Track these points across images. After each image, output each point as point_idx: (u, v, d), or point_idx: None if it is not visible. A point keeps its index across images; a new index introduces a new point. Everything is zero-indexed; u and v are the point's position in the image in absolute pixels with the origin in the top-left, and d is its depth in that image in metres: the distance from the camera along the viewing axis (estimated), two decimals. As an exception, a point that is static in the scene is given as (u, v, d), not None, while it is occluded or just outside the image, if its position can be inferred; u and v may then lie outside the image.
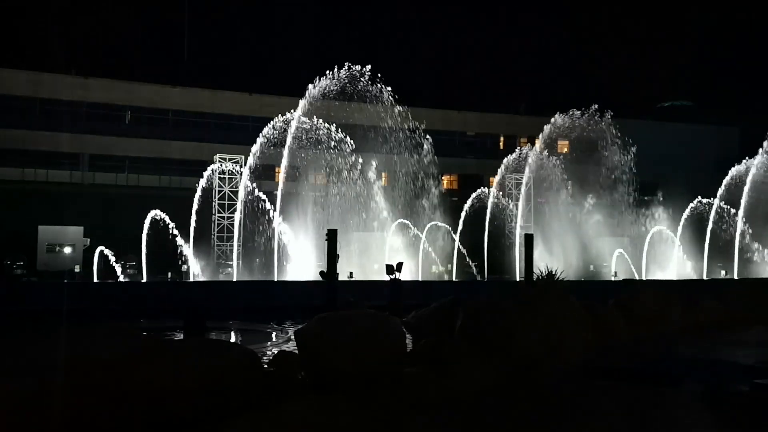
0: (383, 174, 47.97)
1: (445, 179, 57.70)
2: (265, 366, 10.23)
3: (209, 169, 38.95)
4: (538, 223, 47.24)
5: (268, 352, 14.90)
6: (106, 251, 34.88)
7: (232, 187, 40.26)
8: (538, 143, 49.22)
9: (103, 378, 7.39)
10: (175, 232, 35.98)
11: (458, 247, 43.01)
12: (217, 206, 39.91)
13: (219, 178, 40.07)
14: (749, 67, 66.96)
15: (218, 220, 39.88)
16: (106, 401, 7.26)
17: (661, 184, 51.01)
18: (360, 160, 46.58)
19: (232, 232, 39.79)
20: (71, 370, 7.32)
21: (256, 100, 52.64)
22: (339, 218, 39.57)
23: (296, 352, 10.33)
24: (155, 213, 35.90)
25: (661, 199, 46.94)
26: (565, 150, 61.96)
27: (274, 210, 37.96)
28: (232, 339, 20.38)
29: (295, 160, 40.13)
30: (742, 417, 9.21)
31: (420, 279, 39.89)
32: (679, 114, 63.78)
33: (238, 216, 38.43)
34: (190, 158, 48.90)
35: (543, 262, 35.70)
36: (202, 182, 38.73)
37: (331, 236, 26.14)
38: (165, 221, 35.96)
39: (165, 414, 7.50)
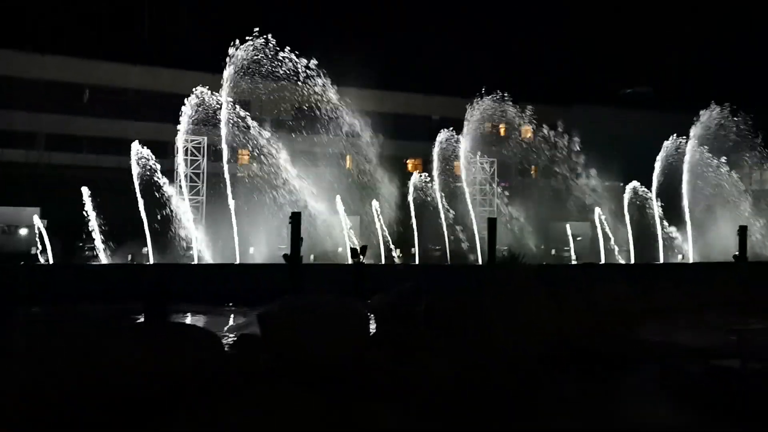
0: (347, 157, 47.76)
1: (410, 163, 57.73)
2: (227, 349, 10.14)
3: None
4: (501, 207, 47.66)
5: (231, 336, 14.77)
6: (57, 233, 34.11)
7: (194, 169, 39.66)
8: (503, 128, 49.54)
9: (63, 363, 7.24)
10: (136, 213, 35.38)
11: (421, 230, 43.13)
12: (177, 188, 39.26)
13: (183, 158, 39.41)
14: (710, 55, 68.22)
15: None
16: (65, 386, 7.12)
17: (622, 169, 51.85)
18: (323, 143, 46.34)
19: (194, 215, 39.24)
20: (32, 356, 7.16)
21: (219, 80, 51.72)
22: (302, 201, 39.34)
23: (259, 335, 10.24)
24: (115, 194, 35.17)
25: (622, 183, 47.68)
26: (529, 135, 62.52)
27: (236, 192, 37.66)
28: (194, 322, 20.16)
29: (257, 141, 39.66)
30: (697, 397, 9.45)
31: (383, 263, 39.94)
32: (640, 101, 64.78)
33: (204, 198, 37.94)
34: (150, 139, 47.93)
35: (505, 245, 36.11)
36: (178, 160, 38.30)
37: (295, 219, 26.06)
38: (124, 203, 35.31)
39: (124, 399, 7.37)
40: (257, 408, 7.39)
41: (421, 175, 44.75)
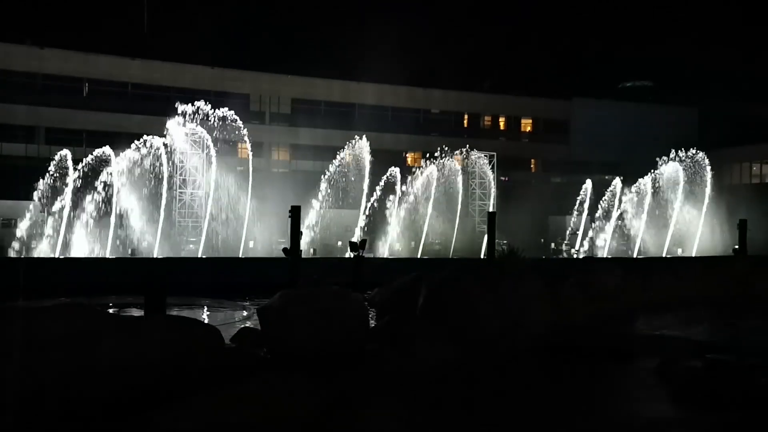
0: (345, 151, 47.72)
1: (410, 156, 57.72)
2: (228, 343, 10.18)
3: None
4: (501, 201, 47.65)
5: (231, 329, 14.81)
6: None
7: (194, 163, 39.67)
8: (503, 121, 49.48)
9: (61, 355, 7.27)
10: (137, 206, 35.44)
11: (423, 224, 43.16)
12: (179, 181, 39.31)
13: (181, 152, 39.42)
14: (709, 48, 68.16)
15: (180, 195, 39.32)
16: (64, 379, 7.16)
17: (622, 163, 51.89)
18: (324, 136, 46.28)
19: (194, 208, 39.29)
20: (27, 347, 7.18)
21: (218, 73, 51.75)
22: (304, 195, 39.35)
23: (259, 328, 10.30)
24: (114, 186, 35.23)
25: (622, 177, 47.62)
26: (529, 129, 62.44)
27: (240, 185, 37.75)
28: (194, 316, 20.20)
29: (260, 135, 39.69)
30: (694, 391, 9.47)
31: (385, 256, 39.98)
32: (640, 94, 64.73)
33: (204, 191, 37.97)
34: (149, 132, 47.96)
35: (505, 239, 36.13)
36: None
37: (295, 213, 26.02)
38: (124, 195, 35.36)
39: (125, 391, 7.42)
40: (252, 398, 7.43)
41: (416, 169, 44.81)
